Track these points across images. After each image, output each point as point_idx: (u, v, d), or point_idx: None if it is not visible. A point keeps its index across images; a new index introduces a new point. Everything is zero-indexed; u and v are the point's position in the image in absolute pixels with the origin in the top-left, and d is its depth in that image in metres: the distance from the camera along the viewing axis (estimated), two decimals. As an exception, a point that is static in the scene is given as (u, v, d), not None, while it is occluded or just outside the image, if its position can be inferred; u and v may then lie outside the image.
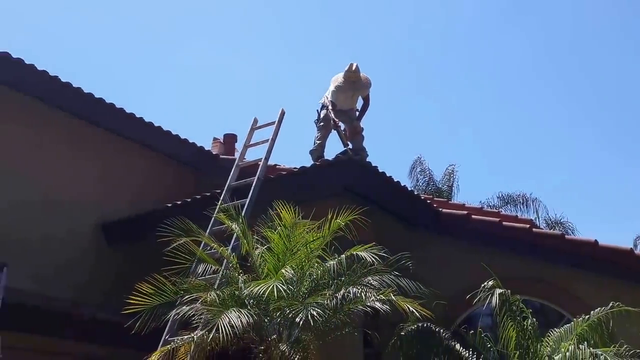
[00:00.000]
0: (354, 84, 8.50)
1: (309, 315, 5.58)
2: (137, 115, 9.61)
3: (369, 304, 5.97)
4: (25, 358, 6.50)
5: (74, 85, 8.78)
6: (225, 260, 6.75)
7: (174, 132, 10.16)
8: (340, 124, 8.54)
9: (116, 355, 7.65)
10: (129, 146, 9.89)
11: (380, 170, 7.84)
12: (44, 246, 8.37)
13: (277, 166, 9.50)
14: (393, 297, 5.86)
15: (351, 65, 8.51)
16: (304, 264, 6.28)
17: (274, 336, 6.23)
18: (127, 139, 9.81)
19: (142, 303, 6.12)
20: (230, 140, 11.93)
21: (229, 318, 5.60)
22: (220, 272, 6.61)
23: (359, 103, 8.79)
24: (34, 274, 7.62)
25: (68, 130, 9.17)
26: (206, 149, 11.10)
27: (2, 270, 6.67)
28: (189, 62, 24.55)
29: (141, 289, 6.13)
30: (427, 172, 18.91)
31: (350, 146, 8.34)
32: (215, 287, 6.34)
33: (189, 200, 8.76)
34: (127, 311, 6.08)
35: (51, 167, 8.87)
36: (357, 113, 8.73)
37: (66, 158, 9.11)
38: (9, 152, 8.45)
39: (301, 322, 5.75)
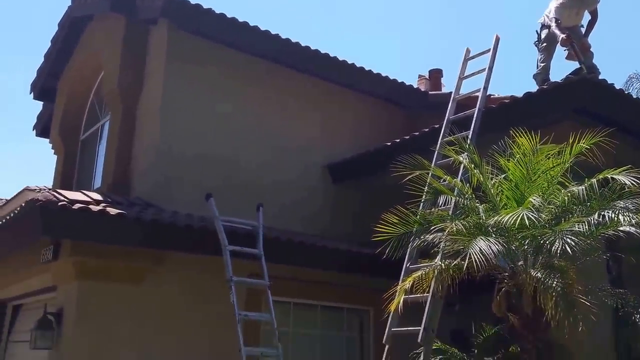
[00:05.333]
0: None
1: (564, 243, 5.56)
2: (349, 62, 9.98)
3: (621, 228, 5.77)
4: (281, 285, 7.27)
5: (292, 41, 9.36)
6: (457, 191, 6.88)
7: (383, 74, 10.41)
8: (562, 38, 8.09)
9: (359, 282, 8.30)
10: (343, 93, 10.33)
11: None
12: (279, 188, 9.15)
13: (491, 96, 9.32)
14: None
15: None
16: (545, 190, 6.21)
17: (521, 263, 6.32)
18: (341, 86, 10.24)
19: (387, 232, 6.53)
20: (436, 75, 11.86)
21: (479, 246, 5.78)
22: (453, 203, 6.78)
23: (585, 19, 8.26)
24: (274, 212, 8.40)
25: (292, 84, 9.83)
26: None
27: (259, 210, 7.49)
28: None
29: (387, 219, 6.54)
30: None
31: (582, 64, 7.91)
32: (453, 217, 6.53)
33: (407, 137, 8.98)
34: (375, 239, 6.52)
35: (281, 119, 9.62)
36: (583, 29, 8.21)
37: (292, 109, 9.80)
38: (251, 111, 9.32)
39: (554, 250, 5.76)
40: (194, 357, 7.01)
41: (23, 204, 6.46)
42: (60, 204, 6.23)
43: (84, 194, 7.04)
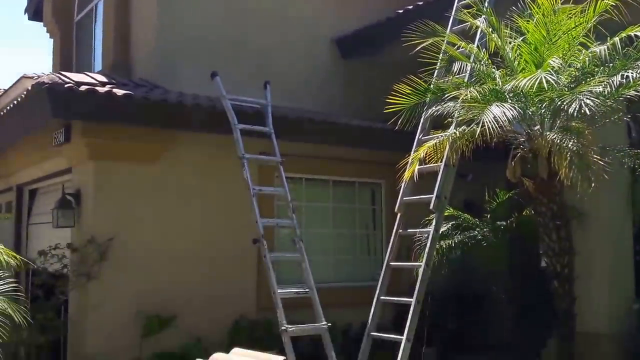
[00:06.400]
0: None
1: (582, 104, 5.43)
2: None
3: (645, 88, 5.61)
4: (292, 162, 7.28)
5: None
6: (473, 57, 6.65)
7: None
8: None
9: (371, 157, 8.32)
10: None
11: None
12: (286, 65, 8.87)
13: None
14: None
15: None
16: (566, 52, 5.98)
17: (537, 127, 6.24)
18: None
19: (400, 103, 6.42)
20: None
21: (493, 113, 5.67)
22: (468, 70, 6.57)
23: None
24: (282, 90, 8.22)
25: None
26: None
27: (266, 88, 7.35)
28: None
29: (399, 90, 6.39)
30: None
31: None
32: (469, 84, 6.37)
33: (421, 3, 8.56)
34: (388, 110, 6.43)
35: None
36: None
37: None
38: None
39: (572, 112, 5.65)
40: (212, 231, 7.20)
41: (29, 88, 6.37)
42: (66, 85, 6.15)
43: (89, 75, 6.92)
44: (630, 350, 6.52)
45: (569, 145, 5.49)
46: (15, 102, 6.94)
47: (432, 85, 6.52)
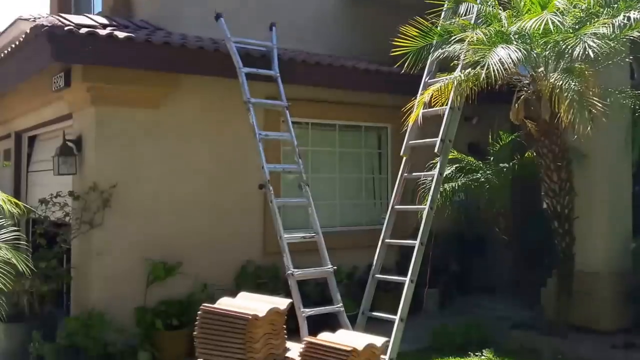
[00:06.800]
0: None
1: (586, 47, 5.45)
2: None
3: (649, 29, 5.62)
4: (298, 106, 7.25)
5: None
6: (479, -1, 6.59)
7: None
8: None
9: (377, 101, 8.32)
10: None
11: None
12: (292, 7, 8.60)
13: None
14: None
15: None
16: (570, -8, 5.96)
17: (541, 69, 6.26)
18: None
19: (406, 45, 6.39)
20: None
21: (499, 55, 5.68)
22: (475, 11, 6.54)
23: None
24: (288, 33, 8.07)
25: None
26: None
27: (272, 30, 7.24)
28: None
29: (406, 32, 6.35)
30: None
31: None
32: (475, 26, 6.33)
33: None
34: (394, 53, 6.41)
35: None
36: None
37: None
38: None
39: (575, 54, 5.67)
40: (217, 177, 7.19)
41: (27, 31, 6.21)
42: (66, 28, 6.00)
43: (89, 17, 6.75)
44: (626, 289, 6.72)
45: (571, 87, 5.54)
46: (12, 46, 6.77)
47: (438, 27, 6.50)
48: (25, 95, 8.06)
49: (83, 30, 6.09)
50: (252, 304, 4.49)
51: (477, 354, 6.35)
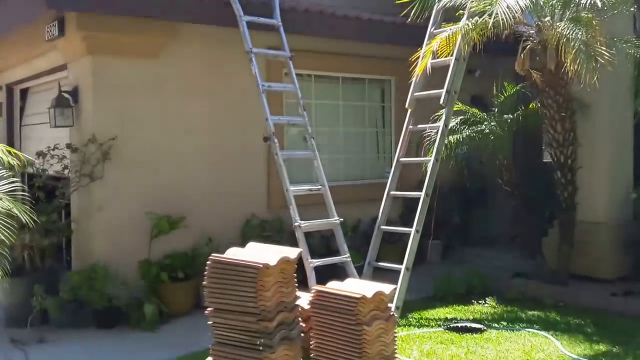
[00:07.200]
0: None
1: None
2: None
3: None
4: (301, 58, 7.06)
5: None
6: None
7: None
8: None
9: (381, 52, 8.18)
10: None
11: None
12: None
13: None
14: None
15: None
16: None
17: (547, 18, 6.19)
18: None
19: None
20: None
21: (506, 2, 5.62)
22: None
23: None
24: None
25: None
26: None
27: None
28: None
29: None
30: None
31: None
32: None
33: None
34: (399, 1, 6.28)
35: None
36: None
37: None
38: None
39: (582, 3, 5.68)
40: (219, 129, 7.06)
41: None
42: (60, -27, 5.76)
43: (82, -37, 6.45)
44: (626, 238, 6.81)
45: (578, 36, 5.51)
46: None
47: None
48: (17, 46, 7.81)
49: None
50: (262, 253, 4.46)
51: (480, 302, 6.45)
